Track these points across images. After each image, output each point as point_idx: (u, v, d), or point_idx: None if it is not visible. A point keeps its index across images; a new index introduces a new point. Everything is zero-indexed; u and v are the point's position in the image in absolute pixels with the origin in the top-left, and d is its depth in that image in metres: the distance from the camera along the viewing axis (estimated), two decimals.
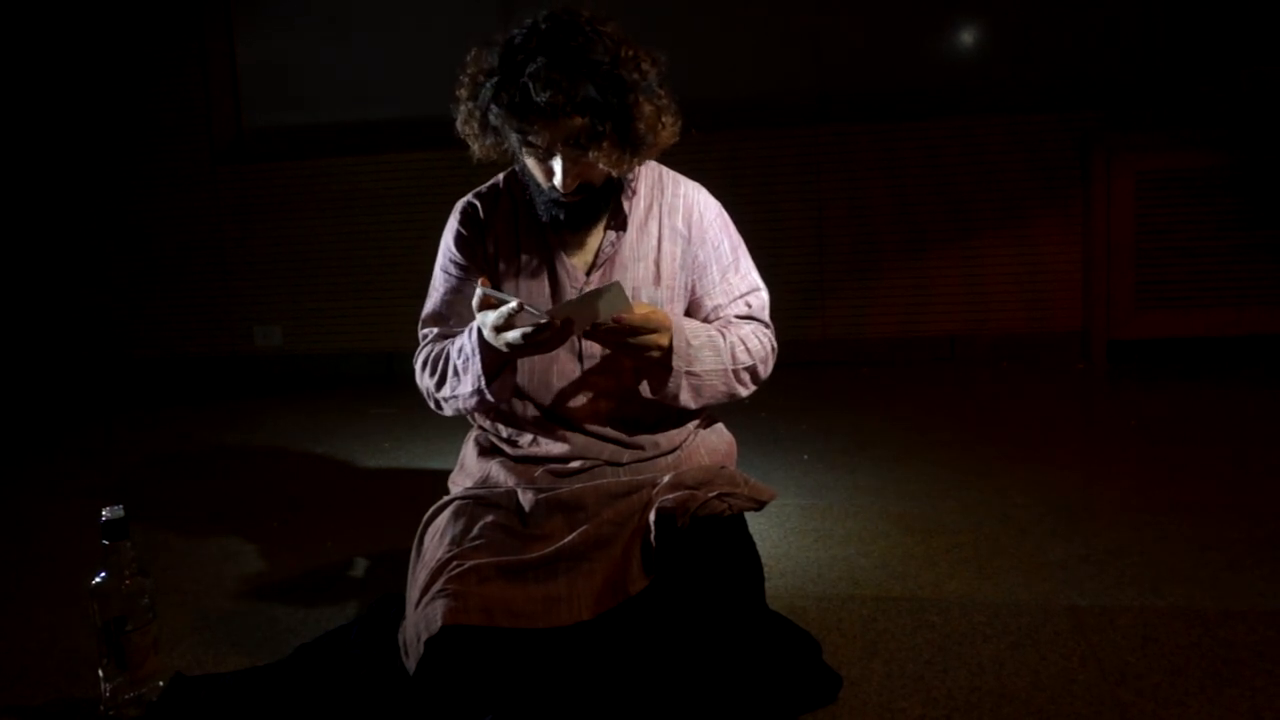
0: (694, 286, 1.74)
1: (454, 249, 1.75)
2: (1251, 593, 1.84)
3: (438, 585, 1.48)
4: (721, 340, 1.67)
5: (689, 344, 1.62)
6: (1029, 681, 1.56)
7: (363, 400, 3.83)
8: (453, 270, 1.76)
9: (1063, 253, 3.93)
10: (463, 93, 1.63)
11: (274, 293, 4.47)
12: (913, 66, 4.14)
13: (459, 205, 1.78)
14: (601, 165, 1.57)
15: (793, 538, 2.23)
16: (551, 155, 1.56)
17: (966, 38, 4.14)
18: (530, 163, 1.62)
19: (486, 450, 1.77)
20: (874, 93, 4.16)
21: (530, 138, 1.55)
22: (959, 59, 4.15)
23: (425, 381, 1.75)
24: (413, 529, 1.70)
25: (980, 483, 2.54)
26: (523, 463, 1.71)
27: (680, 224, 1.73)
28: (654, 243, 1.72)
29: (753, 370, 1.71)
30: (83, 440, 3.62)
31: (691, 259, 1.73)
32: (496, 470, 1.71)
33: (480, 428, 1.82)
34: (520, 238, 1.73)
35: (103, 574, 1.55)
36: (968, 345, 4.05)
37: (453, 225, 1.77)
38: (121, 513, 1.56)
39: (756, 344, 1.71)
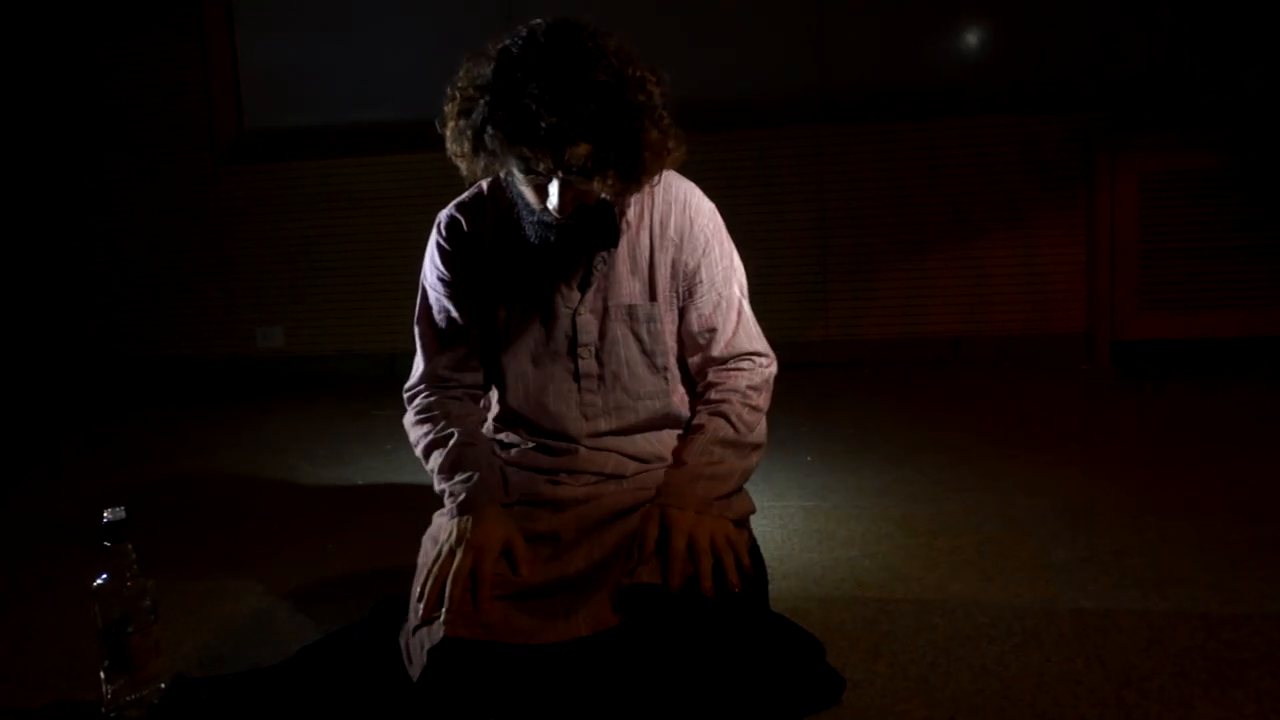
0: (683, 293, 1.68)
1: (440, 265, 1.68)
2: (1256, 594, 1.83)
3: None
4: (732, 432, 1.61)
5: (706, 475, 1.57)
6: (1033, 683, 1.56)
7: (364, 401, 3.83)
8: (441, 289, 1.68)
9: (1066, 253, 3.92)
10: (452, 108, 1.52)
11: (276, 294, 4.47)
12: (916, 67, 4.14)
13: (440, 219, 1.70)
14: (604, 195, 1.51)
15: (796, 540, 2.22)
16: (550, 180, 1.47)
17: (969, 38, 4.14)
18: (521, 184, 1.54)
19: None
20: (877, 93, 4.15)
21: (530, 164, 1.45)
22: (962, 59, 4.14)
23: (413, 438, 1.71)
24: (414, 530, 1.69)
25: (984, 484, 2.53)
26: (525, 471, 1.70)
27: (672, 232, 1.66)
28: (646, 254, 1.65)
29: (761, 416, 1.68)
30: (84, 441, 3.62)
31: (682, 266, 1.66)
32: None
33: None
34: (508, 255, 1.64)
35: (104, 576, 1.54)
36: (971, 346, 4.04)
37: (435, 240, 1.69)
38: (123, 514, 1.55)
39: (756, 395, 1.66)
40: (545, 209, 1.51)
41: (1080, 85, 4.02)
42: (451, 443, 1.63)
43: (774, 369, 1.72)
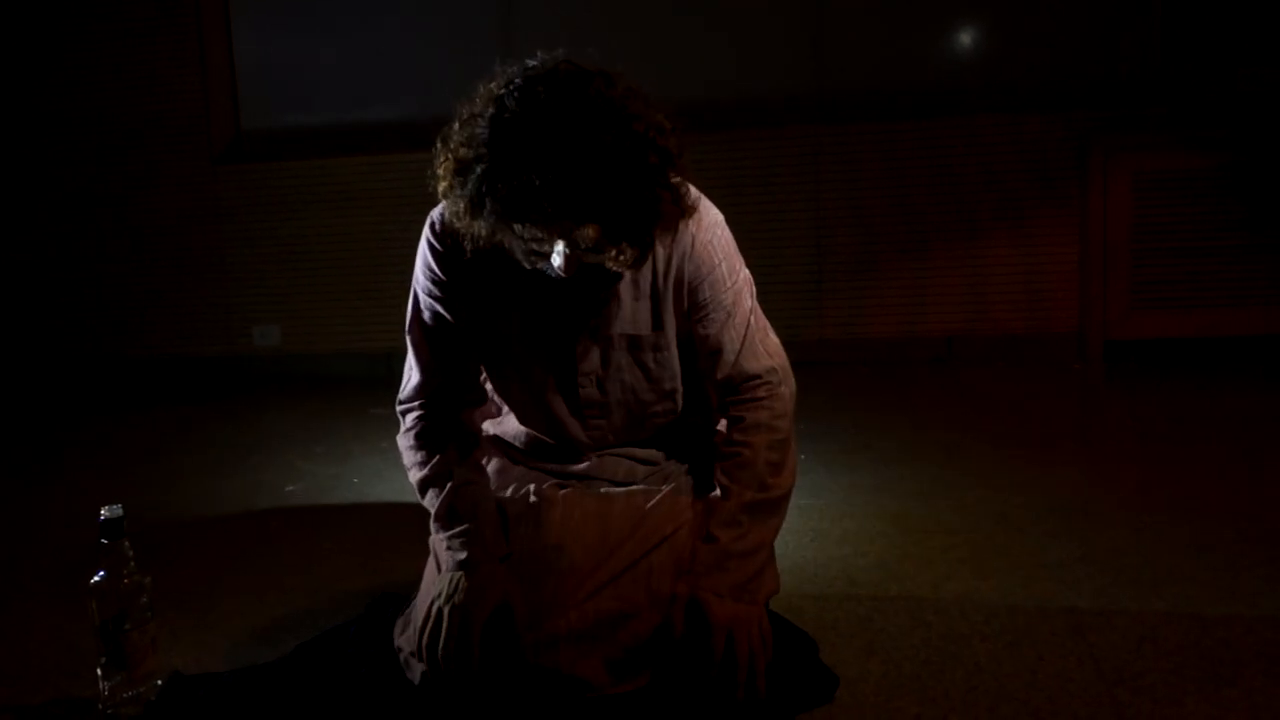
0: (689, 312, 1.58)
1: (433, 266, 1.57)
2: (1249, 593, 1.84)
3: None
4: (757, 492, 1.56)
5: (737, 552, 1.52)
6: (1026, 681, 1.56)
7: (361, 400, 3.83)
8: (433, 292, 1.58)
9: (1060, 253, 3.93)
10: (445, 168, 1.36)
11: (273, 293, 4.47)
12: (913, 67, 4.15)
13: (433, 217, 1.58)
14: (613, 269, 1.39)
15: (790, 537, 2.22)
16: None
17: (967, 38, 4.15)
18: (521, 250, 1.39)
19: (495, 453, 1.74)
20: (875, 92, 4.16)
21: (533, 244, 1.34)
22: (959, 58, 4.15)
23: (407, 463, 1.67)
24: (411, 529, 1.70)
25: (978, 483, 2.54)
26: (534, 469, 1.70)
27: (676, 249, 1.54)
28: (649, 278, 1.55)
29: (788, 448, 1.63)
30: (81, 440, 3.62)
31: (686, 286, 1.56)
32: (505, 474, 1.70)
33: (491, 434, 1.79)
34: (504, 269, 1.51)
35: (101, 573, 1.55)
36: (965, 345, 4.05)
37: (426, 239, 1.58)
38: (120, 512, 1.56)
39: (782, 422, 1.61)
40: (549, 265, 1.40)
41: (1075, 85, 4.03)
42: (449, 485, 1.59)
43: (791, 385, 1.65)
